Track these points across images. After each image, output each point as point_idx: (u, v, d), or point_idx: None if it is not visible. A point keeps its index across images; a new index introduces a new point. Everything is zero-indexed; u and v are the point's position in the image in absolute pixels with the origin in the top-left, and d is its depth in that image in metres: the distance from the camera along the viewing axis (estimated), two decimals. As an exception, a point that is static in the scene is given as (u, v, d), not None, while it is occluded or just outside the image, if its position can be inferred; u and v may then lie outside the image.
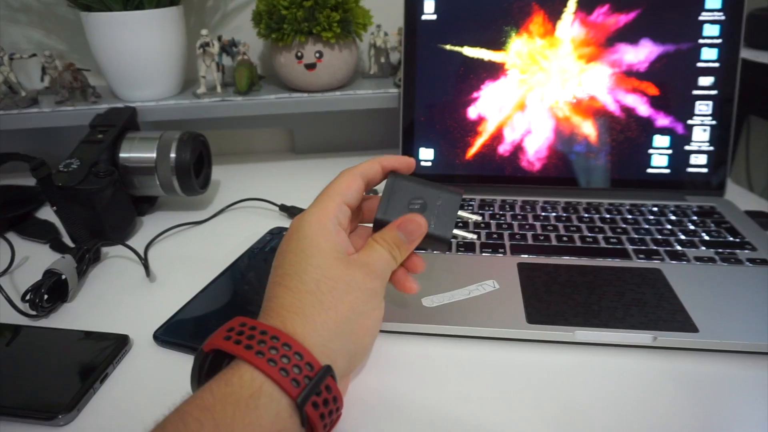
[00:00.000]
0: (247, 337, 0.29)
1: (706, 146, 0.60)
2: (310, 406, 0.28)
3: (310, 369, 0.29)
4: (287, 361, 0.28)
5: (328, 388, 0.29)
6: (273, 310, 0.32)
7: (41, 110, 0.67)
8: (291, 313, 0.31)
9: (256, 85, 0.72)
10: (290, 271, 0.33)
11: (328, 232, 0.35)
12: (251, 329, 0.30)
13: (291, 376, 0.28)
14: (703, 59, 0.59)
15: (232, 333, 0.30)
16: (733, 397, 0.36)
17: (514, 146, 0.62)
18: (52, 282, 0.47)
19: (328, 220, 0.35)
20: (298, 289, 0.32)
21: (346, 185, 0.38)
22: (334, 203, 0.36)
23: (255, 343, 0.29)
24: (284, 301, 0.32)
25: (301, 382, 0.28)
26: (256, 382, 0.28)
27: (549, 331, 0.40)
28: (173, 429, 0.26)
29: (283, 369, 0.28)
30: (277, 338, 0.29)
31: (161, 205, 0.66)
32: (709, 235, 0.52)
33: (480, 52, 0.61)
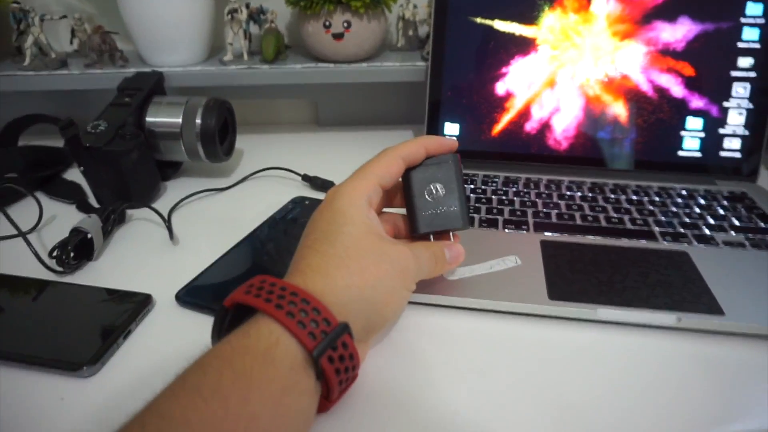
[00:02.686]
0: (267, 292, 0.30)
1: (741, 130, 0.58)
2: (325, 359, 0.29)
3: (327, 324, 0.29)
4: (305, 315, 0.29)
5: (344, 345, 0.30)
6: (298, 270, 0.33)
7: (70, 72, 0.68)
8: (314, 272, 0.32)
9: (283, 54, 0.72)
10: (321, 236, 0.34)
11: (360, 207, 0.36)
12: (271, 285, 0.30)
13: (308, 330, 0.28)
14: (743, 39, 0.57)
15: (252, 288, 0.30)
16: (757, 382, 0.35)
17: (542, 124, 0.61)
18: (78, 240, 0.47)
19: (359, 197, 0.36)
20: (327, 252, 0.33)
21: (385, 167, 0.38)
22: (369, 182, 0.37)
23: (275, 298, 0.29)
24: (311, 261, 0.33)
25: (318, 336, 0.29)
26: (273, 334, 0.28)
27: (571, 308, 0.40)
28: (193, 378, 0.26)
29: (301, 322, 0.28)
30: (296, 294, 0.30)
31: (185, 170, 0.67)
32: (739, 220, 0.51)
33: (511, 26, 0.60)
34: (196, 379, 0.26)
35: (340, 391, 0.31)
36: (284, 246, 0.50)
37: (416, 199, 0.39)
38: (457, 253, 0.40)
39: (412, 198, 0.40)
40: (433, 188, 0.39)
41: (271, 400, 0.27)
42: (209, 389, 0.26)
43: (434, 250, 0.38)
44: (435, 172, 0.39)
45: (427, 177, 0.40)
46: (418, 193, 0.39)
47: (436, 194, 0.39)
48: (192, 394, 0.26)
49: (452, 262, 0.39)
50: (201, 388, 0.26)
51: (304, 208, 0.56)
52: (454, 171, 0.40)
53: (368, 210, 0.37)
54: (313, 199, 0.58)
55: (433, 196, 0.39)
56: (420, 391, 0.35)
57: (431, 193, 0.39)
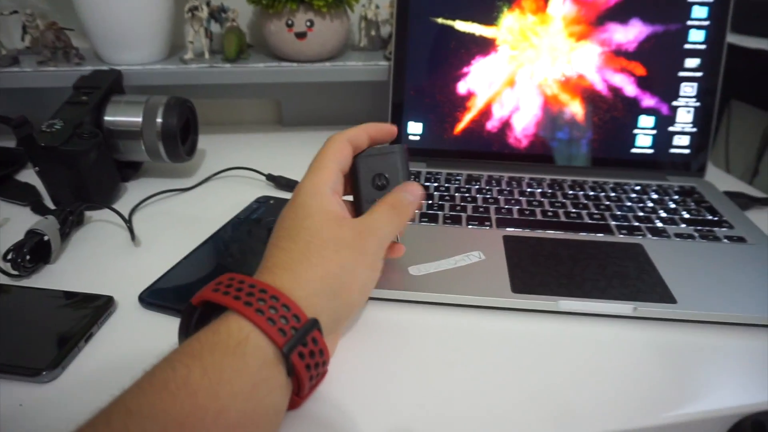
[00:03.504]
0: (236, 289, 0.30)
1: (690, 128, 0.61)
2: (296, 355, 0.29)
3: (297, 320, 0.30)
4: (274, 312, 0.29)
5: (314, 341, 0.30)
6: (266, 268, 0.33)
7: (22, 69, 0.65)
8: (281, 269, 0.32)
9: (245, 53, 0.71)
10: (284, 234, 0.35)
11: (322, 195, 0.36)
12: (240, 282, 0.30)
13: (278, 326, 0.29)
14: (690, 41, 0.59)
15: (221, 286, 0.30)
16: (709, 365, 0.37)
17: (502, 122, 0.63)
18: (34, 242, 0.46)
19: (323, 185, 0.37)
20: (290, 248, 0.34)
21: (339, 151, 0.39)
22: (330, 170, 0.38)
23: (243, 295, 0.29)
24: (277, 260, 0.33)
25: (288, 332, 0.29)
26: (243, 330, 0.28)
27: (533, 300, 0.41)
28: (162, 375, 0.26)
29: (270, 319, 0.29)
30: (264, 291, 0.30)
31: (146, 171, 0.65)
32: (689, 213, 0.54)
33: (472, 26, 0.61)
34: (164, 374, 0.26)
35: (311, 387, 0.32)
36: (249, 246, 0.50)
37: (362, 187, 0.40)
38: (414, 191, 0.39)
39: (359, 186, 0.40)
40: (379, 177, 0.40)
41: (241, 395, 0.27)
42: (177, 384, 0.26)
43: (391, 203, 0.37)
44: (381, 161, 0.40)
45: (373, 166, 0.40)
46: (364, 181, 0.40)
47: (381, 183, 0.40)
48: (159, 390, 0.25)
49: (414, 200, 0.38)
50: (168, 383, 0.26)
51: (269, 208, 0.56)
52: (399, 161, 0.40)
53: (331, 196, 0.36)
54: (278, 199, 0.58)
55: (378, 185, 0.40)
56: (387, 386, 0.35)
57: (376, 181, 0.40)
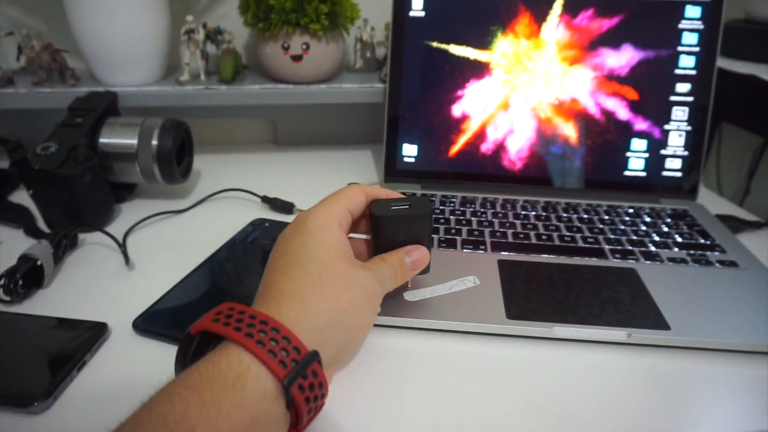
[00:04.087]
0: (236, 320, 0.30)
1: (681, 151, 0.62)
2: (296, 388, 0.29)
3: (297, 353, 0.29)
4: (275, 344, 0.29)
5: (314, 373, 0.30)
6: (271, 297, 0.33)
7: (17, 90, 0.65)
8: (289, 299, 0.32)
9: (241, 75, 0.72)
10: (293, 261, 0.34)
11: (332, 230, 0.37)
12: (240, 313, 0.30)
13: (278, 358, 0.29)
14: (681, 66, 0.60)
15: (221, 316, 0.30)
16: (702, 393, 0.37)
17: (497, 145, 0.63)
18: (27, 267, 0.46)
19: (332, 219, 0.37)
20: (300, 279, 0.33)
21: (352, 195, 0.40)
22: (339, 206, 0.38)
23: (244, 326, 0.29)
24: (284, 288, 0.33)
25: (288, 365, 0.29)
26: (244, 363, 0.28)
27: (528, 327, 0.41)
28: (160, 408, 0.26)
29: (271, 351, 0.28)
30: (265, 323, 0.30)
31: (141, 192, 0.65)
32: (681, 237, 0.54)
33: (466, 50, 0.62)
34: (162, 408, 0.26)
35: (309, 419, 0.31)
36: (245, 270, 0.50)
37: (384, 243, 0.40)
38: (418, 257, 0.40)
39: (381, 242, 0.40)
40: (403, 239, 0.40)
41: (241, 429, 0.26)
42: (176, 419, 0.25)
43: (392, 263, 0.39)
44: (409, 224, 0.40)
45: (400, 227, 0.40)
46: (388, 239, 0.40)
47: (402, 239, 0.40)
48: (158, 424, 0.25)
49: (415, 267, 0.40)
50: (167, 418, 0.25)
51: (264, 230, 0.56)
52: (428, 226, 0.41)
53: (339, 232, 0.37)
54: (273, 221, 0.58)
55: (400, 241, 0.40)
56: (382, 413, 0.35)
57: (400, 236, 0.40)
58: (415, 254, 0.40)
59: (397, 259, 0.39)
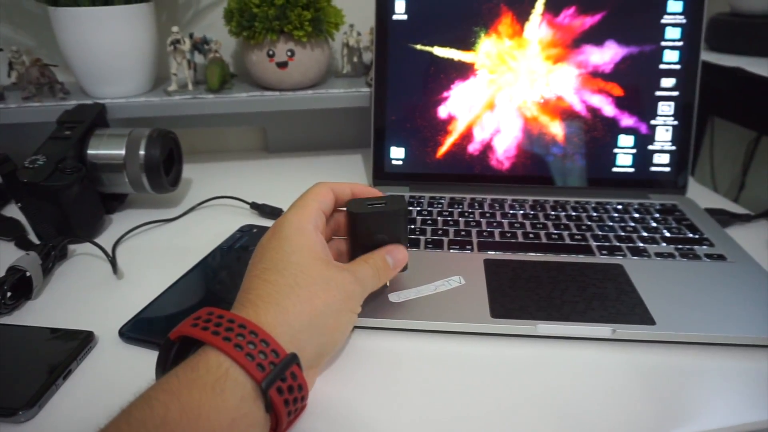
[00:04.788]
0: (215, 324, 0.30)
1: (669, 146, 0.62)
2: (274, 390, 0.29)
3: (276, 356, 0.30)
4: (253, 347, 0.29)
5: (293, 375, 0.30)
6: (248, 301, 0.33)
7: (7, 106, 0.66)
8: (266, 302, 0.32)
9: (228, 83, 0.72)
10: (270, 266, 0.35)
11: (308, 232, 0.37)
12: (218, 317, 0.30)
13: (257, 361, 0.29)
14: (665, 61, 0.60)
15: (199, 321, 0.30)
16: (688, 387, 0.37)
17: (484, 145, 0.63)
18: (15, 279, 0.46)
19: (306, 222, 0.38)
20: (277, 282, 0.34)
21: (322, 194, 0.40)
22: (312, 208, 0.39)
23: (222, 330, 0.29)
24: (261, 292, 0.33)
25: (267, 367, 0.29)
26: (222, 366, 0.28)
27: (512, 325, 0.41)
28: (139, 413, 0.26)
29: (249, 354, 0.29)
30: (244, 326, 0.30)
31: (131, 202, 0.66)
32: (669, 231, 0.54)
33: (450, 52, 0.62)
34: (141, 413, 0.26)
35: (289, 421, 0.31)
36: (232, 275, 0.50)
37: (361, 241, 0.41)
38: (399, 257, 0.41)
39: (357, 240, 0.41)
40: (380, 236, 0.41)
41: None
42: (155, 424, 0.25)
43: (375, 263, 0.39)
44: (384, 222, 0.40)
45: (375, 225, 0.40)
46: (364, 236, 0.41)
47: (379, 238, 0.41)
48: (138, 429, 0.25)
49: (396, 266, 0.41)
50: (146, 423, 0.26)
51: (252, 236, 0.56)
52: (402, 224, 0.41)
53: (315, 234, 0.37)
54: (261, 227, 0.58)
55: (377, 239, 0.41)
56: (368, 414, 0.35)
57: (376, 236, 0.41)
58: (396, 254, 0.41)
59: (380, 259, 0.40)
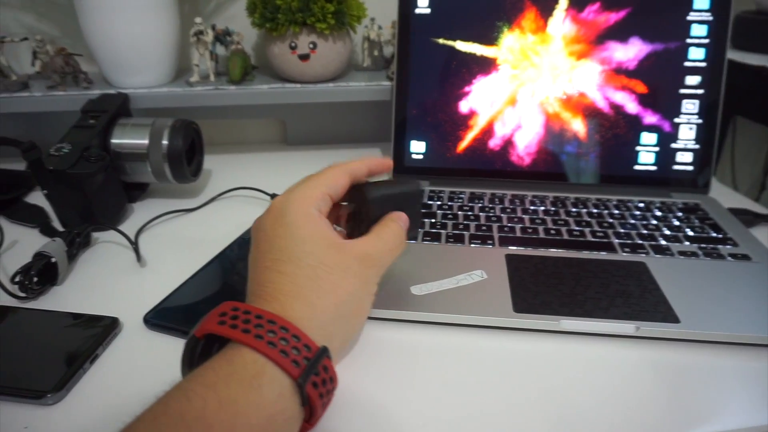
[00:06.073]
0: (243, 321, 0.29)
1: (692, 144, 0.61)
2: (310, 385, 0.29)
3: (308, 350, 0.30)
4: (286, 344, 0.29)
5: (325, 368, 0.30)
6: (269, 295, 0.32)
7: (32, 94, 0.67)
8: (289, 297, 0.32)
9: (250, 75, 0.72)
10: (282, 257, 0.34)
11: (314, 218, 0.35)
12: (245, 314, 0.30)
13: (291, 358, 0.29)
14: (690, 59, 0.60)
15: (226, 318, 0.30)
16: (712, 385, 0.37)
17: (505, 141, 0.63)
18: (41, 264, 0.47)
19: (311, 207, 0.36)
20: (295, 274, 0.33)
21: (333, 179, 0.38)
22: (317, 191, 0.37)
23: (252, 327, 0.29)
24: (281, 286, 0.32)
25: (301, 363, 0.29)
26: (258, 363, 0.28)
27: (535, 320, 0.41)
28: (177, 405, 0.26)
29: (283, 351, 0.28)
30: (273, 322, 0.30)
31: (152, 192, 0.66)
32: (693, 230, 0.54)
33: (472, 46, 0.62)
34: (179, 405, 0.26)
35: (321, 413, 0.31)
36: (253, 266, 0.50)
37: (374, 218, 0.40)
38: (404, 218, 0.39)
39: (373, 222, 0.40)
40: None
41: (258, 428, 0.26)
42: (193, 416, 0.25)
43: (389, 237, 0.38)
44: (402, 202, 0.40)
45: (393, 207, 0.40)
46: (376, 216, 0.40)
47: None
48: (175, 421, 0.25)
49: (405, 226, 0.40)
50: (185, 415, 0.25)
51: (273, 228, 0.56)
52: (419, 203, 0.42)
53: (319, 218, 0.36)
54: (282, 218, 0.58)
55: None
56: (388, 406, 0.35)
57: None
58: (403, 217, 0.39)
59: (393, 230, 0.38)
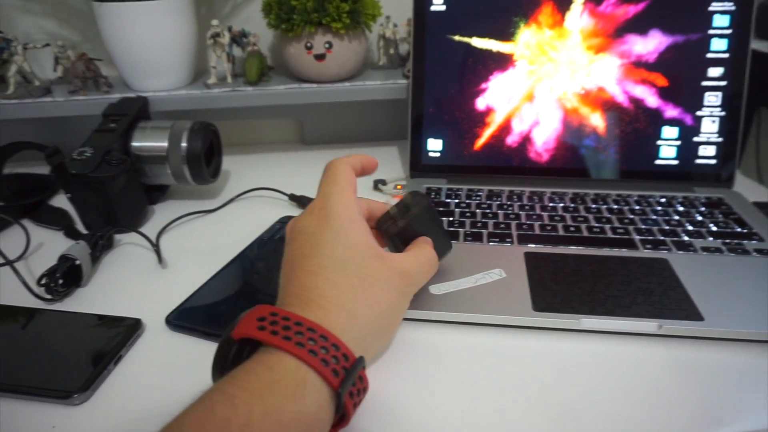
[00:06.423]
0: (283, 328, 0.29)
1: (715, 138, 0.60)
2: (347, 395, 0.29)
3: (346, 360, 0.29)
4: (326, 352, 0.29)
5: (361, 378, 0.30)
6: (313, 301, 0.32)
7: (55, 99, 0.68)
8: (334, 305, 0.32)
9: (266, 76, 0.73)
10: (328, 263, 0.34)
11: (361, 224, 0.36)
12: (285, 320, 0.29)
13: (331, 367, 0.28)
14: (712, 50, 0.59)
15: (266, 323, 0.29)
16: (737, 385, 0.36)
17: (522, 137, 0.62)
18: (66, 267, 0.48)
19: (355, 211, 0.36)
20: (342, 283, 0.33)
21: (349, 175, 0.39)
22: (352, 193, 0.37)
23: (292, 334, 0.28)
24: (326, 293, 0.32)
25: (340, 372, 0.29)
26: (300, 371, 0.28)
27: (555, 319, 0.41)
28: (222, 411, 0.25)
29: (324, 360, 0.28)
30: (313, 330, 0.29)
31: (172, 193, 0.67)
32: (716, 225, 0.53)
33: (488, 42, 0.62)
34: (225, 411, 0.25)
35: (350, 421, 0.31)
36: (274, 266, 0.51)
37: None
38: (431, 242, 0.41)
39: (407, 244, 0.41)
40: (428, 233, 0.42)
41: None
42: (239, 423, 0.25)
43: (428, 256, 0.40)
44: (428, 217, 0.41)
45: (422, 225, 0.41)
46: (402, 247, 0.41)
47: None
48: (222, 428, 0.25)
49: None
50: (231, 422, 0.25)
51: (292, 228, 0.57)
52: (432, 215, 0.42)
53: (364, 225, 0.36)
54: (300, 218, 0.59)
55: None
56: (409, 406, 0.35)
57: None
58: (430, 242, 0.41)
59: (427, 254, 0.40)
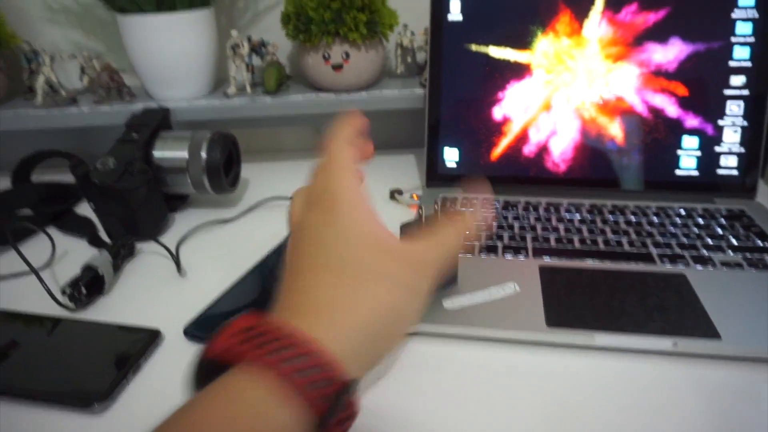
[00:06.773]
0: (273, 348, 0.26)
1: (737, 148, 0.59)
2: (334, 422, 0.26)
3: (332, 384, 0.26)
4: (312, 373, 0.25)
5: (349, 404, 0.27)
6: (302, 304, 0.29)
7: (80, 109, 0.70)
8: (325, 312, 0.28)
9: (285, 86, 0.74)
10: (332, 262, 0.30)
11: (371, 215, 0.32)
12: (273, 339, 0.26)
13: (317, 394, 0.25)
14: (735, 58, 0.57)
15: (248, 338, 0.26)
16: (755, 406, 0.36)
17: (539, 147, 0.62)
18: (89, 277, 0.49)
19: (364, 199, 0.32)
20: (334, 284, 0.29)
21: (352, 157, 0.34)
22: (356, 177, 0.33)
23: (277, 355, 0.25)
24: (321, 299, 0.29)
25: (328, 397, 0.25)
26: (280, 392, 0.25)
27: (568, 335, 0.41)
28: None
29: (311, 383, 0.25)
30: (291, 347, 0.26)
31: (192, 202, 0.68)
32: (737, 239, 0.52)
33: (506, 52, 0.61)
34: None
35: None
36: (288, 276, 0.51)
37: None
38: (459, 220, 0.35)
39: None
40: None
41: None
42: None
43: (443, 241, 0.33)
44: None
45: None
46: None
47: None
48: None
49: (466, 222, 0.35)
50: None
51: (308, 237, 0.57)
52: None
53: (375, 217, 0.32)
54: (316, 228, 0.59)
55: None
56: (418, 421, 0.36)
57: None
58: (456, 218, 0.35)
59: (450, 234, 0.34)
